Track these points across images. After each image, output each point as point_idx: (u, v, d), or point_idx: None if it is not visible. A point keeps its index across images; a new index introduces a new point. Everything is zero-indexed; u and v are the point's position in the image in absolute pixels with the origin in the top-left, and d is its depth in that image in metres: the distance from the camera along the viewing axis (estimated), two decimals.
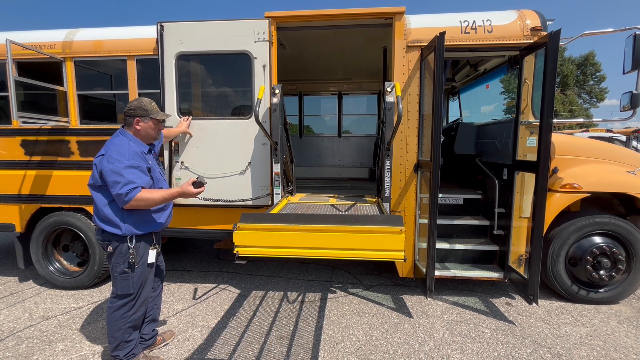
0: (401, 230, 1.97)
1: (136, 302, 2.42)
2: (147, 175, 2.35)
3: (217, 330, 3.07)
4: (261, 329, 3.09)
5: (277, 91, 3.29)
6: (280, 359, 2.68)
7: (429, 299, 3.55)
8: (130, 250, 2.32)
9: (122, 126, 2.45)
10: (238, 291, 3.87)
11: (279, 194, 3.40)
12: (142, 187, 2.25)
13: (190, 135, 3.50)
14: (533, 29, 3.26)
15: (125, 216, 2.31)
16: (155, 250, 2.47)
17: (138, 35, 3.68)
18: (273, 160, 3.37)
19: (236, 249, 2.14)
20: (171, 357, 2.71)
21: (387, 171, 3.18)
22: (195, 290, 3.92)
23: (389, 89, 3.07)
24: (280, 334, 3.01)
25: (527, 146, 3.34)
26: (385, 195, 3.20)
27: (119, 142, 2.33)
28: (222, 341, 2.91)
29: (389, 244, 1.96)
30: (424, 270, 3.25)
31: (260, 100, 3.12)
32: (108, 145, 2.32)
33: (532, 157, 3.20)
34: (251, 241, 2.12)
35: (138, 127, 2.39)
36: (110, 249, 2.34)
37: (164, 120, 2.57)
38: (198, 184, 2.32)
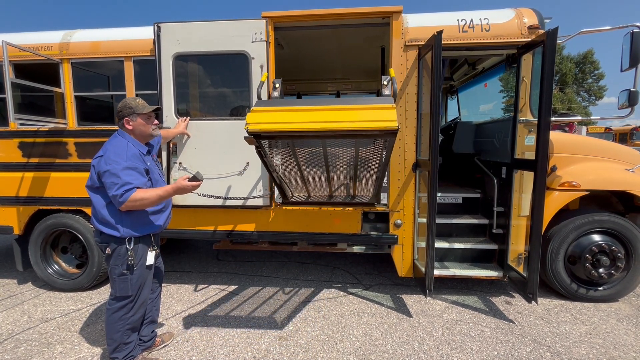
0: (392, 106, 2.20)
1: (135, 304, 2.41)
2: (145, 176, 2.34)
3: (216, 331, 3.07)
4: (260, 329, 3.09)
5: (277, 85, 3.29)
6: (280, 359, 2.68)
7: (428, 298, 3.54)
8: (129, 252, 2.31)
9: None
10: (237, 292, 3.87)
11: None
12: (138, 188, 2.24)
13: (188, 136, 3.49)
14: (531, 27, 3.26)
15: (124, 218, 2.30)
16: (154, 252, 2.47)
17: (135, 36, 3.67)
18: None
19: (246, 125, 2.23)
20: (170, 358, 2.71)
21: None
22: (195, 291, 3.92)
23: (385, 82, 3.08)
24: (279, 334, 3.01)
25: (526, 144, 3.35)
26: (383, 186, 3.19)
27: (117, 144, 2.32)
28: (222, 342, 2.91)
29: (382, 116, 2.16)
30: (423, 269, 3.25)
31: (263, 83, 3.10)
32: (106, 147, 2.31)
33: (530, 155, 3.20)
34: (262, 119, 2.26)
35: (130, 127, 2.39)
36: (108, 250, 2.34)
37: (156, 115, 2.56)
38: (194, 178, 2.29)
